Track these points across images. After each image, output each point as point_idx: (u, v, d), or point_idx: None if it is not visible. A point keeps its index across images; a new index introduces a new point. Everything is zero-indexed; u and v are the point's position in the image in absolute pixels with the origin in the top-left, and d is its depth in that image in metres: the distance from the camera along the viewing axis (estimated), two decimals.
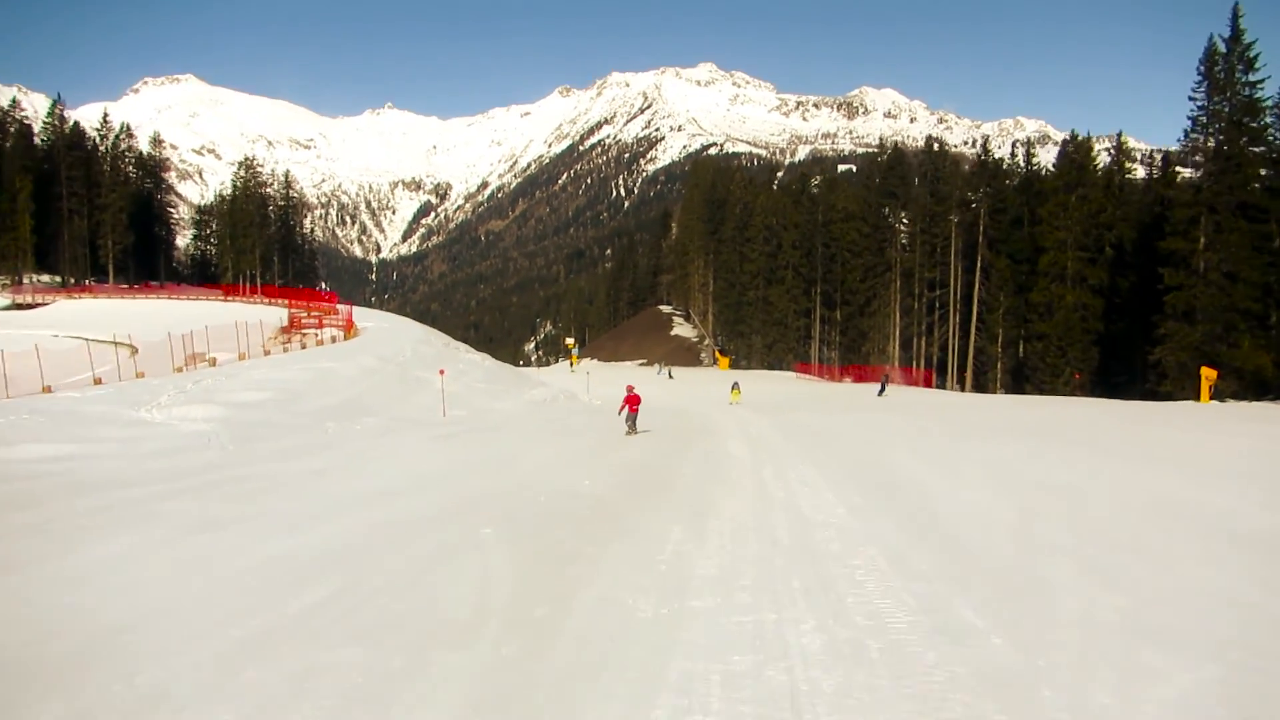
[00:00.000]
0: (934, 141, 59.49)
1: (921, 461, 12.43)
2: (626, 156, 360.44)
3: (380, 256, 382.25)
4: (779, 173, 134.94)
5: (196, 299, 56.88)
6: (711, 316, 79.92)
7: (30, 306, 51.68)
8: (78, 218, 64.76)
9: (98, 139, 71.56)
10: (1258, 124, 31.37)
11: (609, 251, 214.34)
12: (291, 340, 34.85)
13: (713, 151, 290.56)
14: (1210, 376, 28.68)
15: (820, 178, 78.51)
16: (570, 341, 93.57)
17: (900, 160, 62.79)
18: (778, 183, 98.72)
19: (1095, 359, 40.63)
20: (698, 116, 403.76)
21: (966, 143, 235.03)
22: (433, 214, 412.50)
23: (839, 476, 10.57)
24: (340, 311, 44.08)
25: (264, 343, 31.88)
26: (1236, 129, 31.22)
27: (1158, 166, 46.96)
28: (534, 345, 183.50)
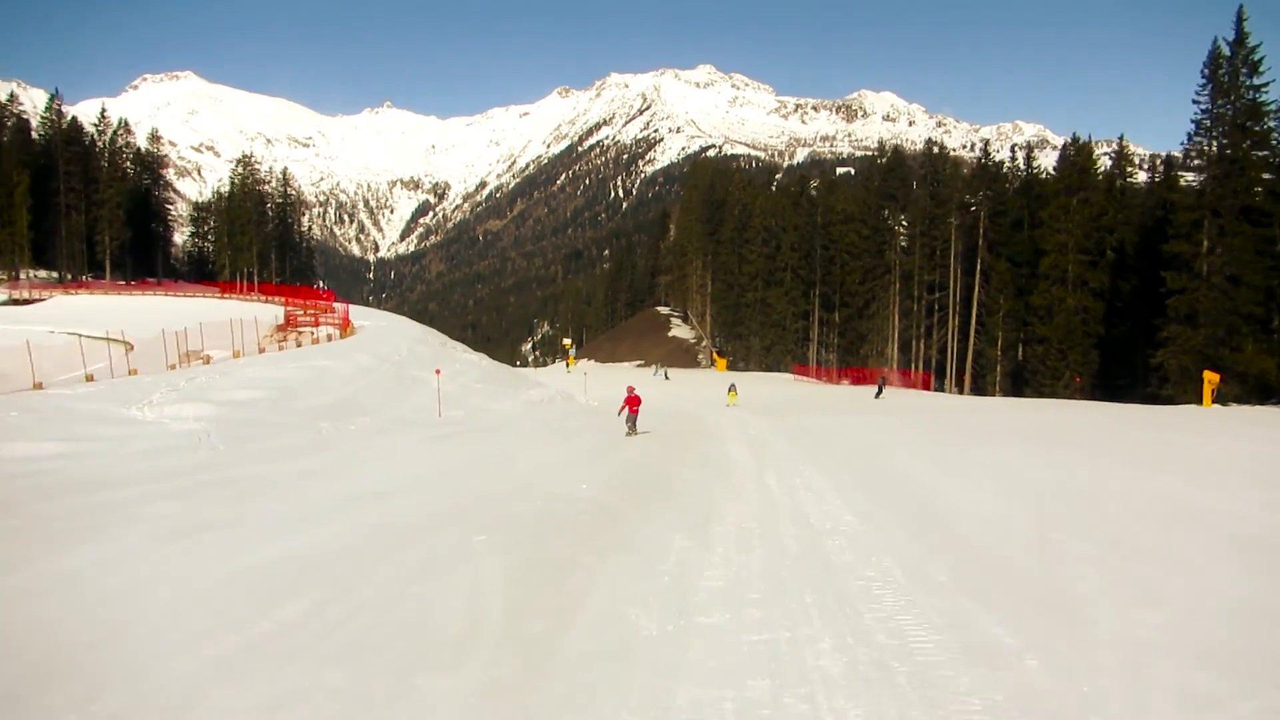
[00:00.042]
0: (933, 144, 59.22)
1: (927, 465, 12.19)
2: (625, 158, 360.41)
3: (378, 255, 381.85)
4: (777, 175, 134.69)
5: (193, 296, 56.47)
6: (709, 318, 79.64)
7: (27, 302, 51.40)
8: (75, 213, 64.31)
9: (96, 134, 71.17)
10: (1261, 128, 31.22)
11: (607, 252, 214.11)
12: (287, 338, 34.47)
13: (711, 153, 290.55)
14: (1213, 380, 28.51)
15: (819, 180, 78.28)
16: (568, 342, 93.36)
17: (900, 162, 62.52)
18: (776, 185, 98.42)
19: (1096, 362, 40.48)
20: (696, 118, 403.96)
21: (965, 146, 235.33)
22: (431, 213, 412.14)
23: (844, 481, 10.28)
24: (337, 310, 43.69)
25: (259, 340, 31.50)
26: (1240, 132, 31.06)
27: (1159, 171, 46.88)
28: (531, 346, 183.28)
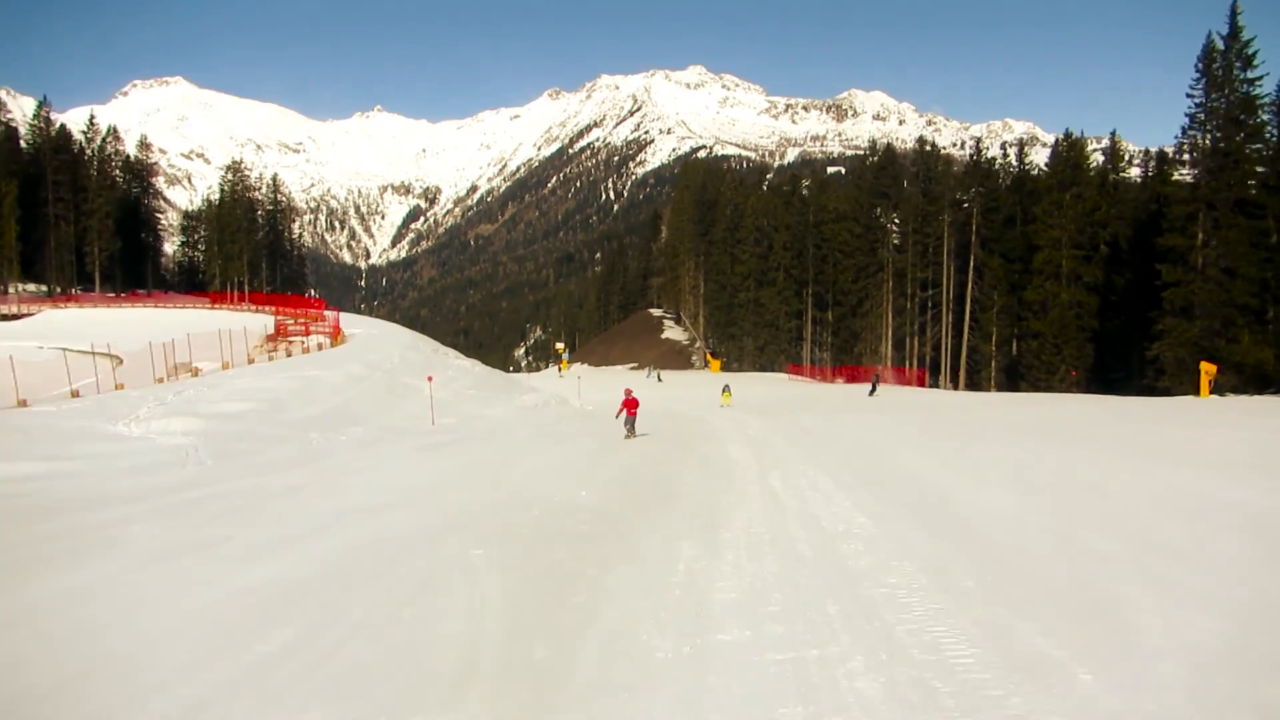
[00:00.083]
0: (925, 142, 59.15)
1: (932, 462, 11.96)
2: (616, 159, 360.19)
3: (369, 262, 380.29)
4: (768, 175, 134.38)
5: (184, 307, 55.76)
6: (702, 319, 79.34)
7: (15, 317, 50.38)
8: (64, 223, 63.46)
9: (84, 142, 70.22)
10: (1255, 121, 31.25)
11: (599, 255, 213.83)
12: (277, 348, 34.01)
13: (702, 154, 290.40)
14: (1210, 371, 28.53)
15: (810, 179, 78.13)
16: (560, 346, 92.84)
17: (891, 160, 62.36)
18: (767, 184, 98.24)
19: (1091, 356, 40.42)
20: (687, 119, 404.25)
21: (955, 144, 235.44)
22: (422, 218, 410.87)
23: (850, 481, 10.00)
24: (328, 318, 43.22)
25: (249, 351, 31.08)
26: (1234, 125, 31.08)
27: (1152, 166, 46.91)
28: (524, 350, 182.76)
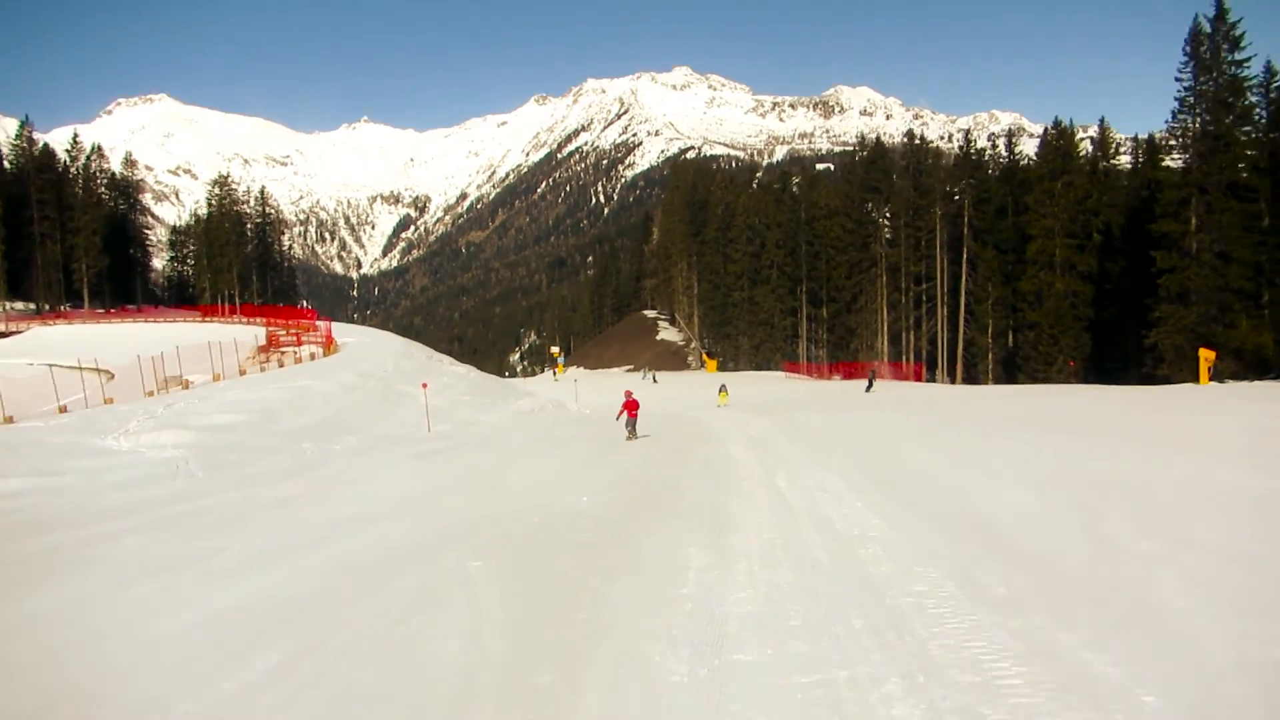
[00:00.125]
0: (914, 135, 59.05)
1: (940, 459, 11.63)
2: (605, 163, 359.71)
3: (361, 272, 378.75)
4: (758, 174, 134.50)
5: (174, 321, 55.44)
6: (697, 319, 79.05)
7: (3, 335, 50.34)
8: (50, 241, 63.23)
9: (69, 160, 69.96)
10: (1244, 103, 31.14)
11: (591, 259, 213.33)
12: (269, 359, 33.61)
13: (690, 155, 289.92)
14: (1209, 358, 28.32)
15: (801, 176, 77.94)
16: (555, 350, 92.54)
17: (881, 154, 62.24)
18: (757, 182, 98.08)
19: (1088, 345, 40.32)
20: (674, 120, 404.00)
21: (943, 138, 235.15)
22: (412, 227, 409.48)
23: (859, 480, 9.69)
24: (320, 328, 42.79)
25: (240, 363, 30.71)
26: (1224, 108, 30.97)
27: (1143, 152, 46.85)
28: (519, 356, 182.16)
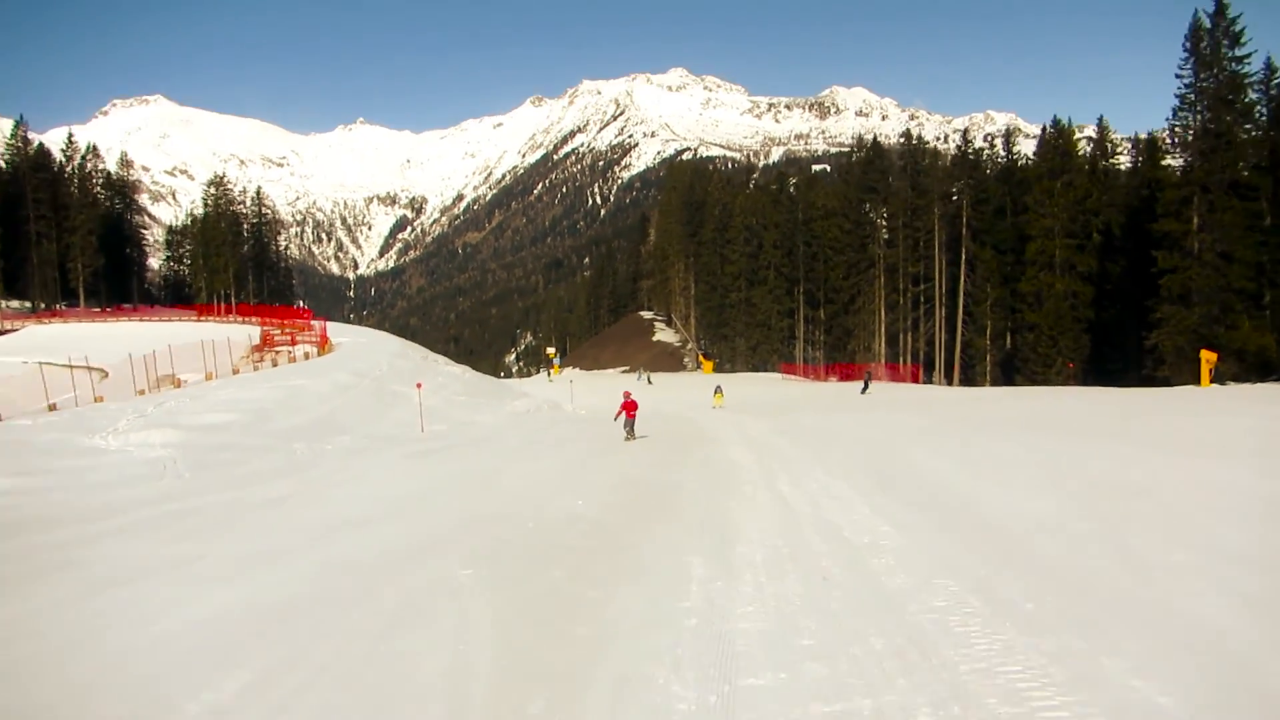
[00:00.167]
0: (911, 135, 58.87)
1: (946, 462, 11.33)
2: (601, 164, 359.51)
3: (358, 273, 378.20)
4: (754, 175, 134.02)
5: (170, 320, 55.02)
6: (694, 320, 78.80)
7: None
8: (46, 241, 63.06)
9: (64, 160, 69.88)
10: (1245, 100, 30.90)
11: (587, 260, 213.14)
12: (263, 358, 33.29)
13: (686, 156, 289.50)
14: (1210, 359, 28.08)
15: (797, 177, 77.75)
16: (551, 351, 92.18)
17: (878, 155, 62.03)
18: (754, 183, 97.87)
19: (1087, 347, 40.03)
20: (670, 122, 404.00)
21: (939, 138, 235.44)
22: (409, 228, 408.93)
23: (864, 484, 9.42)
24: (314, 327, 42.44)
25: (234, 362, 30.39)
26: (1224, 106, 30.71)
27: (1142, 151, 46.65)
28: (515, 356, 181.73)
